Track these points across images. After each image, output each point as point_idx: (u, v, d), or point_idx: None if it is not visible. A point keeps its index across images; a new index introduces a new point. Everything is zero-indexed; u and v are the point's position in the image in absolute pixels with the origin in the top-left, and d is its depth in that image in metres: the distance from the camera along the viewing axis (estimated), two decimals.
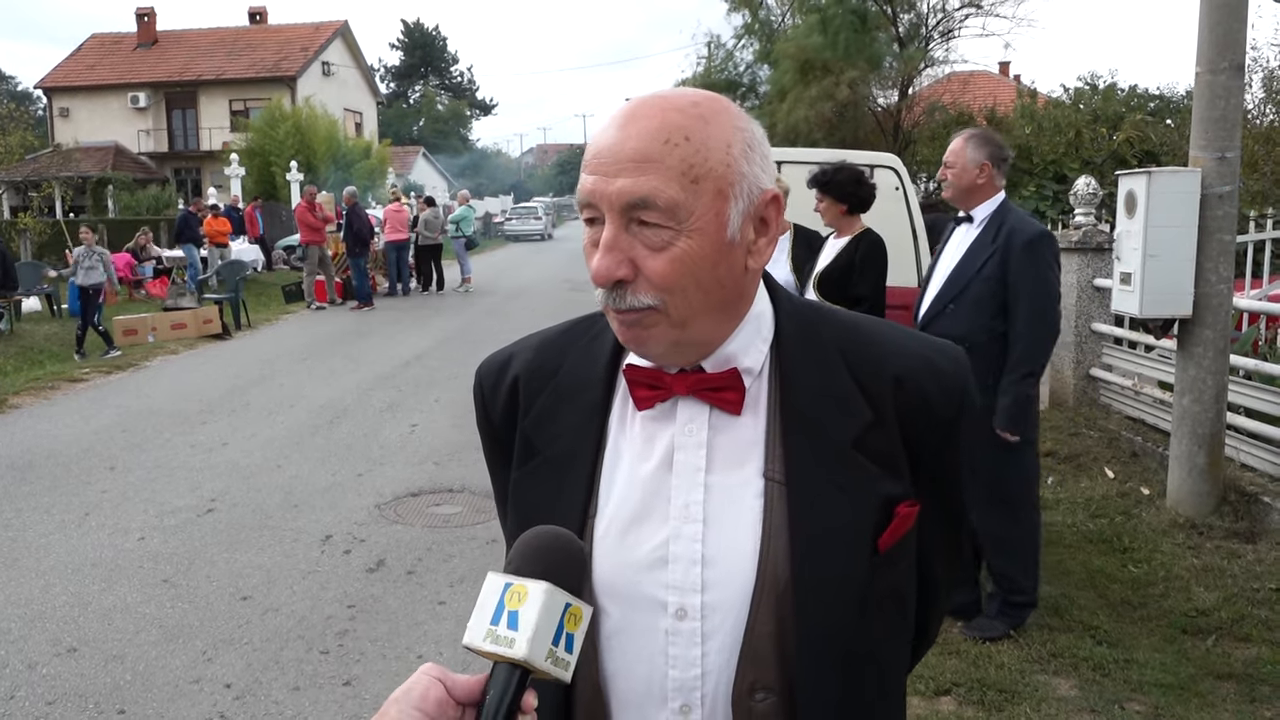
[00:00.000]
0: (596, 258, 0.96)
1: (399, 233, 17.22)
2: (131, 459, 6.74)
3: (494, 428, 1.16)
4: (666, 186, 0.93)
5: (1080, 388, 7.29)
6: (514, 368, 1.14)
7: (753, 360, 1.03)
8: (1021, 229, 3.54)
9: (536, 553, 0.88)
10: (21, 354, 11.24)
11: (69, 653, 3.88)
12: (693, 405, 1.02)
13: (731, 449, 1.02)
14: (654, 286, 0.95)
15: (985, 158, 3.55)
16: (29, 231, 17.96)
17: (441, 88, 68.27)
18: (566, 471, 1.06)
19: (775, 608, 0.97)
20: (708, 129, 0.96)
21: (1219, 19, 4.77)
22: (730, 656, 0.99)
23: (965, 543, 1.26)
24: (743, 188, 0.97)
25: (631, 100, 0.99)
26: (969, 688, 3.40)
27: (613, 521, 1.03)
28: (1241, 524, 4.83)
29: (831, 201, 4.26)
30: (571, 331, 1.15)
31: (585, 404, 1.07)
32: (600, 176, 0.95)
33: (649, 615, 1.00)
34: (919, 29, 19.25)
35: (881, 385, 1.02)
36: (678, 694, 1.00)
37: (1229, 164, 4.82)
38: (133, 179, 31.67)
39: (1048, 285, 3.51)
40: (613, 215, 0.95)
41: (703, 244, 0.95)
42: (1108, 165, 11.09)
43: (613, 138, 0.96)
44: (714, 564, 0.99)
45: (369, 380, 9.56)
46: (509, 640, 0.83)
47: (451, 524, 5.41)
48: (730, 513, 1.00)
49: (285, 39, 37.93)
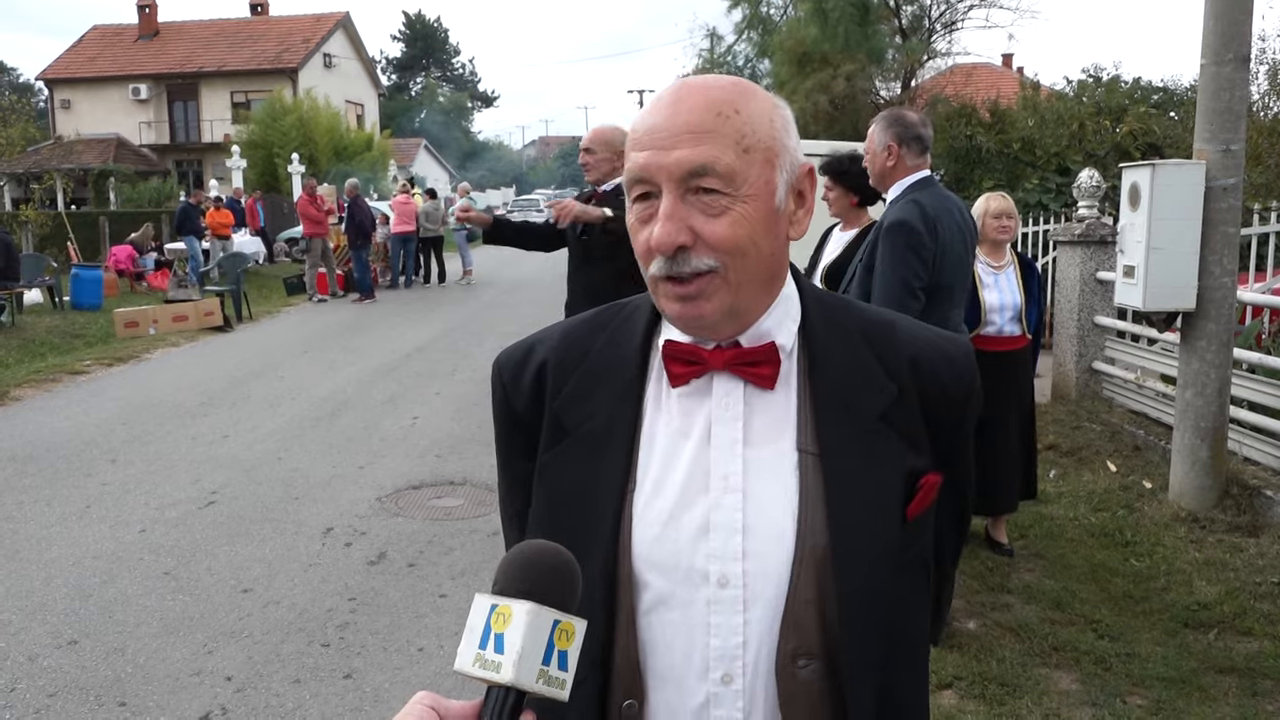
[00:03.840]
0: (658, 226, 0.99)
1: (406, 224, 17.19)
2: (133, 451, 6.74)
3: (516, 415, 1.16)
4: (724, 154, 0.98)
5: (1083, 381, 7.27)
6: (540, 354, 1.16)
7: (785, 338, 1.07)
8: (889, 216, 3.33)
9: (521, 570, 0.86)
10: (23, 346, 11.24)
11: (70, 645, 3.89)
12: (727, 382, 1.05)
13: (767, 423, 1.05)
14: (713, 249, 0.99)
15: (891, 139, 3.38)
16: (31, 224, 17.94)
17: (443, 80, 68.16)
18: (604, 449, 1.07)
19: (816, 575, 1.00)
20: (752, 104, 1.01)
21: (1224, 10, 4.74)
22: (772, 624, 1.01)
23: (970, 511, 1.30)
24: (785, 160, 1.03)
25: (671, 85, 1.04)
26: (970, 681, 3.39)
27: (653, 496, 1.05)
28: (1244, 518, 4.82)
29: (843, 191, 4.12)
30: (598, 319, 1.17)
31: (619, 383, 1.09)
32: (656, 150, 0.99)
33: (691, 586, 1.02)
34: (922, 21, 19.18)
35: (901, 365, 1.07)
36: (719, 663, 1.01)
37: (1233, 156, 4.80)
38: (134, 171, 31.63)
39: (895, 272, 3.24)
40: (670, 185, 0.98)
41: (757, 209, 1.00)
42: (1111, 158, 11.03)
43: (664, 114, 1.00)
44: (754, 533, 1.01)
45: (370, 372, 9.55)
46: (496, 665, 0.82)
47: (453, 516, 5.41)
48: (768, 484, 1.03)
49: (286, 30, 37.85)
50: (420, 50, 67.51)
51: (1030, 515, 5.01)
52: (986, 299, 4.45)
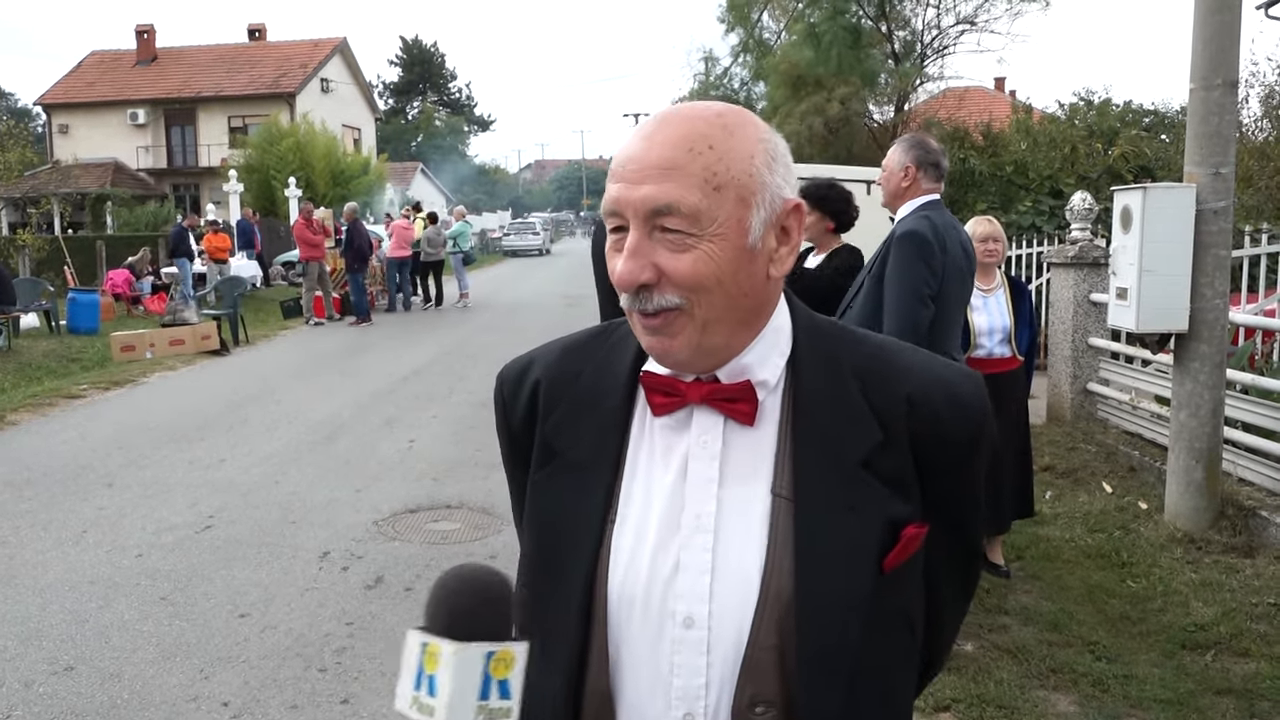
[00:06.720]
0: (620, 263, 0.98)
1: (403, 249, 17.24)
2: (129, 475, 6.73)
3: (513, 432, 1.17)
4: (689, 193, 0.95)
5: (1077, 402, 7.30)
6: (535, 372, 1.15)
7: (768, 373, 1.04)
8: (903, 226, 3.43)
9: (446, 604, 0.84)
10: (19, 370, 11.23)
11: (66, 671, 3.87)
12: (708, 416, 1.03)
13: (744, 462, 1.03)
14: (678, 286, 0.97)
15: (910, 161, 3.51)
16: (28, 248, 17.99)
17: (440, 104, 68.51)
18: (587, 478, 1.07)
19: (778, 623, 0.98)
20: (731, 139, 0.98)
21: (1212, 36, 4.81)
22: (733, 668, 0.99)
23: (978, 570, 1.26)
24: (765, 196, 0.99)
25: (658, 112, 1.02)
26: (968, 704, 3.39)
27: (631, 529, 1.04)
28: (1239, 538, 4.84)
29: (820, 216, 4.29)
30: (596, 338, 1.16)
31: (606, 411, 1.08)
32: (625, 184, 0.98)
33: (659, 624, 1.01)
34: (914, 45, 19.37)
35: (894, 405, 1.03)
36: (681, 703, 1.01)
37: (1224, 179, 4.85)
38: (131, 195, 31.74)
39: (905, 280, 3.33)
40: (637, 221, 0.97)
41: (724, 248, 0.97)
42: (1103, 180, 11.13)
43: (639, 147, 0.99)
44: (720, 575, 1.00)
45: (367, 396, 9.56)
46: (430, 709, 0.81)
47: (450, 540, 5.40)
48: (739, 526, 1.01)
49: (284, 55, 38.08)
50: (417, 75, 67.93)
51: (1027, 536, 5.02)
52: (976, 322, 4.49)
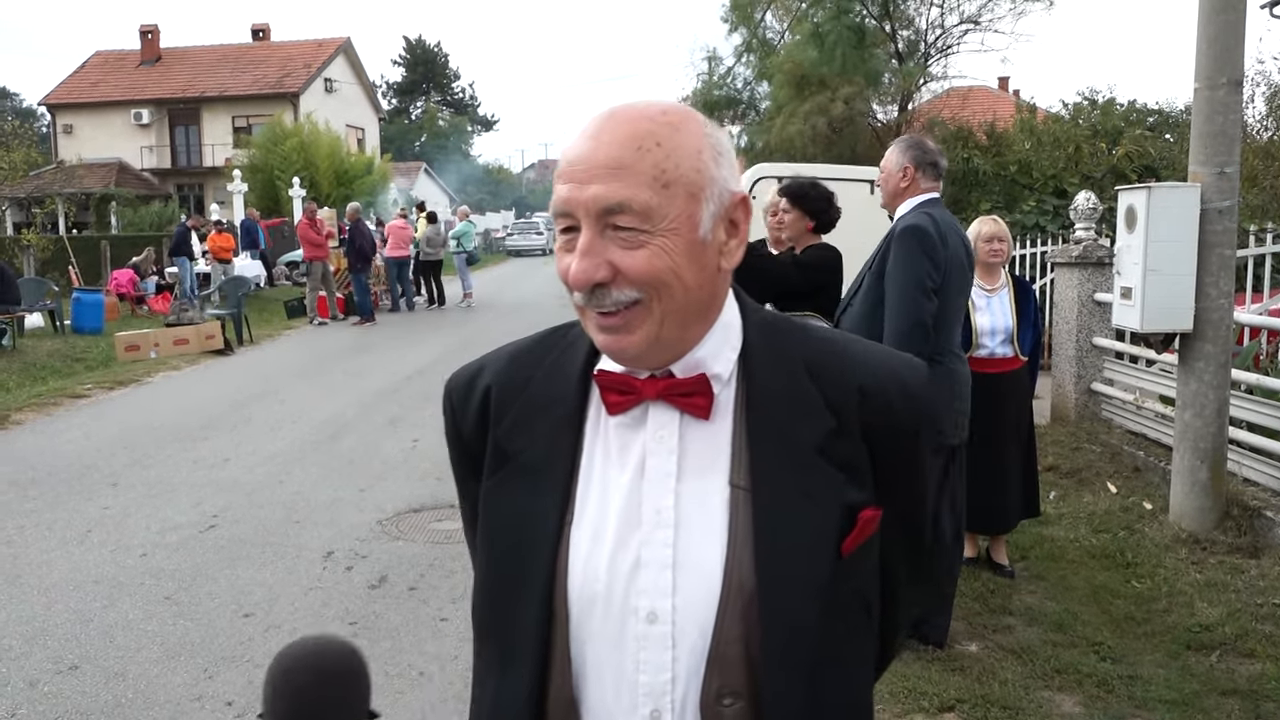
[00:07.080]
0: (574, 262, 0.98)
1: (400, 249, 17.25)
2: (133, 475, 6.74)
3: (464, 441, 1.16)
4: (639, 191, 0.96)
5: (1082, 402, 7.29)
6: (485, 378, 1.14)
7: (721, 367, 1.05)
8: (904, 222, 3.46)
9: (285, 689, 0.80)
10: (24, 370, 11.25)
11: (70, 670, 3.88)
12: (664, 412, 1.04)
13: (701, 455, 1.03)
14: (633, 282, 0.98)
15: (909, 161, 3.53)
16: (33, 248, 18.02)
17: (443, 104, 68.54)
18: (543, 480, 1.06)
19: (742, 613, 0.99)
20: (678, 135, 0.99)
21: (1217, 35, 4.80)
22: (699, 661, 1.00)
23: (930, 554, 1.27)
24: (713, 191, 1.00)
25: (600, 113, 1.01)
26: (973, 704, 3.39)
27: (589, 528, 1.04)
28: (1244, 539, 4.82)
29: (800, 214, 4.25)
30: (544, 342, 1.16)
31: (559, 413, 1.08)
32: (574, 184, 0.98)
33: (622, 621, 1.01)
34: (918, 45, 19.34)
35: (846, 395, 1.04)
36: (648, 699, 1.01)
37: (1228, 179, 4.84)
38: (136, 195, 31.79)
39: (908, 274, 3.36)
40: (588, 221, 0.97)
41: (677, 243, 0.98)
42: (1107, 180, 11.11)
43: (585, 146, 0.98)
44: (683, 569, 1.00)
45: (371, 395, 9.56)
46: None
47: (453, 540, 5.40)
48: (699, 519, 1.01)
49: (288, 56, 38.14)
50: (421, 75, 67.95)
51: (1031, 536, 5.01)
52: (978, 322, 4.48)
